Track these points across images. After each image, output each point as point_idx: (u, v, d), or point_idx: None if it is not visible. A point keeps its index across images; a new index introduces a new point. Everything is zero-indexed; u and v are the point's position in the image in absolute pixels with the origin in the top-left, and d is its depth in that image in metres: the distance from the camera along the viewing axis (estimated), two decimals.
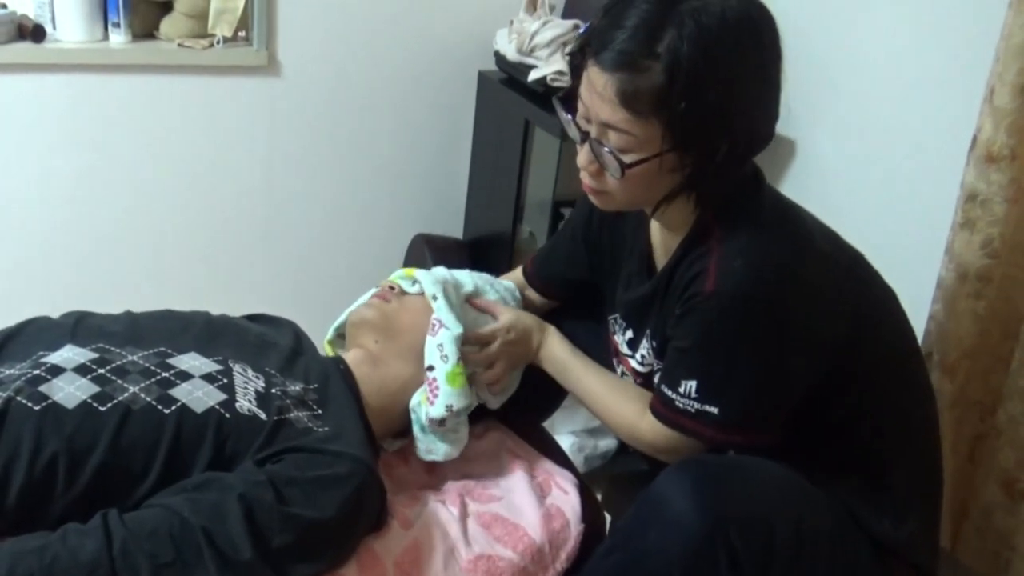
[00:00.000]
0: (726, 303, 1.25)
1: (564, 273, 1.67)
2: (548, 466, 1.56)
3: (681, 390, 1.30)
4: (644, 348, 1.44)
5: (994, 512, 1.78)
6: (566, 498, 1.47)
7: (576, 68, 1.27)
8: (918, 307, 1.49)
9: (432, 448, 1.49)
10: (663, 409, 1.34)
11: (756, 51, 1.21)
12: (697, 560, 1.17)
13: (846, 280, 1.34)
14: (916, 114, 1.95)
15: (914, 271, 1.61)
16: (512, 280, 1.74)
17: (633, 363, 1.48)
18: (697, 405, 1.29)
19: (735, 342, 1.27)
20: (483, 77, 2.62)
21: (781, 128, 1.32)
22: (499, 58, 2.50)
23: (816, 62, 2.05)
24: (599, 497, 1.63)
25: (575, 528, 1.43)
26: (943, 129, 1.87)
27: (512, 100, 2.43)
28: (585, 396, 1.50)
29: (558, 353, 1.54)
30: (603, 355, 1.57)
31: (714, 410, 1.28)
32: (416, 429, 1.50)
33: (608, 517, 1.60)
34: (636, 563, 1.22)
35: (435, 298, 1.51)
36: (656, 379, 1.41)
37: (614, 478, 2.09)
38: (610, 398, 1.46)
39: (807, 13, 1.95)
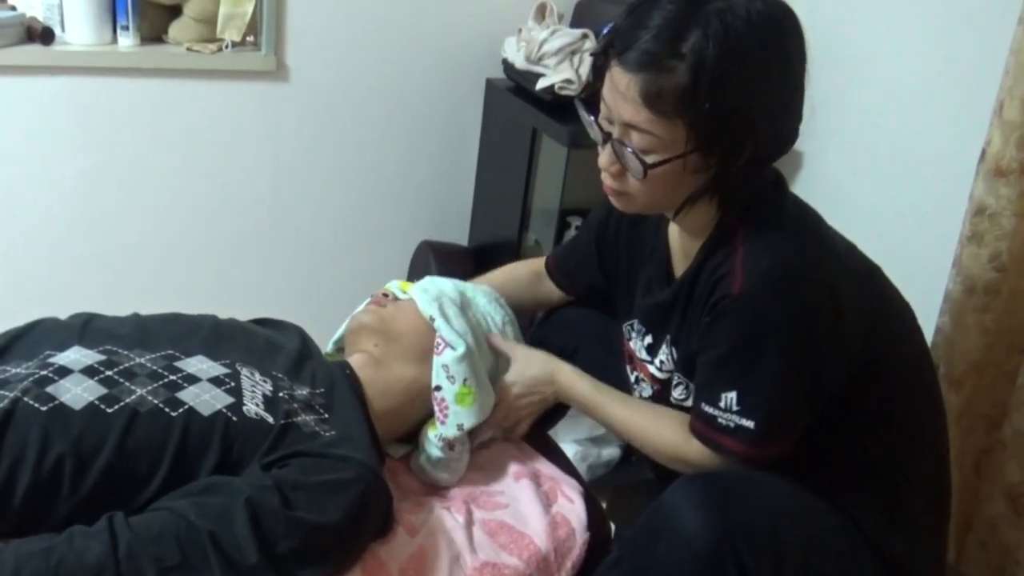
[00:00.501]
0: (755, 304, 1.24)
1: (577, 274, 1.68)
2: (554, 474, 1.55)
3: (722, 404, 1.28)
4: (663, 354, 1.43)
5: (999, 526, 1.78)
6: (572, 507, 1.47)
7: (599, 68, 1.26)
8: (925, 320, 1.49)
9: (436, 479, 1.50)
10: (705, 428, 1.31)
11: (781, 52, 1.20)
12: (707, 572, 1.16)
13: (864, 290, 1.33)
14: (925, 127, 1.95)
15: (922, 284, 1.60)
16: (531, 270, 1.75)
17: (651, 368, 1.47)
18: (736, 419, 1.27)
19: (768, 345, 1.24)
20: (491, 85, 2.62)
21: None
22: (507, 66, 2.50)
23: (823, 74, 2.05)
24: (604, 506, 1.63)
25: (580, 537, 1.43)
26: (952, 142, 1.87)
27: (520, 108, 2.43)
28: (619, 427, 1.46)
29: (578, 393, 1.50)
30: (608, 359, 1.57)
31: (750, 424, 1.26)
32: (422, 459, 1.50)
33: (613, 526, 1.59)
34: (644, 574, 1.22)
35: (433, 319, 1.50)
36: (683, 393, 1.41)
37: (618, 487, 2.09)
38: (649, 426, 1.42)
39: (814, 25, 1.94)
